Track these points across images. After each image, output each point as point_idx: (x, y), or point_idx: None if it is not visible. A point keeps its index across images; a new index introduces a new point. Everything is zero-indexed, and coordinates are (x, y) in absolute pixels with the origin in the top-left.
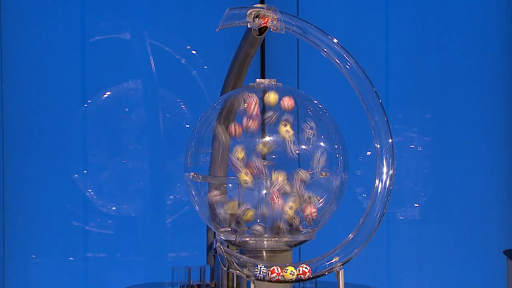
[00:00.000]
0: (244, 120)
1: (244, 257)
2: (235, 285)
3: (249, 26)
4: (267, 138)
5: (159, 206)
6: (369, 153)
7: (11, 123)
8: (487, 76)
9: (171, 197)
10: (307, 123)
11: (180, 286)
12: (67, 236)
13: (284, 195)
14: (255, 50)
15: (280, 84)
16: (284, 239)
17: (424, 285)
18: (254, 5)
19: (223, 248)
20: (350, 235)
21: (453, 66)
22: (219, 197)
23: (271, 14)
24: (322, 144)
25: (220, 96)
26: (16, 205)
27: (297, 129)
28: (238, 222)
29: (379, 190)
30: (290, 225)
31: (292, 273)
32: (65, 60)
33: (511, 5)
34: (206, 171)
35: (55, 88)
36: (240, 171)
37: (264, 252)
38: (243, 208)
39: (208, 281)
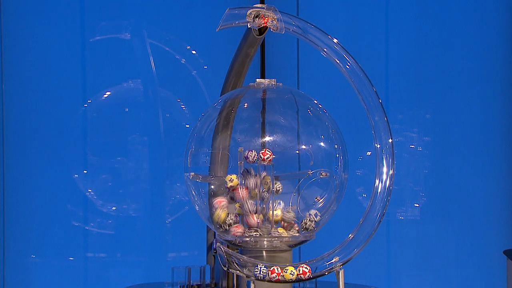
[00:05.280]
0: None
1: (244, 257)
2: (235, 285)
3: (249, 26)
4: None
5: (159, 206)
6: (369, 153)
7: (11, 123)
8: (487, 76)
9: (172, 197)
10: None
11: (180, 286)
12: (67, 236)
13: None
14: (255, 50)
15: (280, 84)
16: (284, 239)
17: (424, 285)
18: (254, 5)
19: (223, 248)
20: (350, 235)
21: (453, 66)
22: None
23: (271, 14)
24: (322, 144)
25: (220, 96)
26: (16, 205)
27: (298, 132)
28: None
29: (379, 190)
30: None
31: (292, 273)
32: (65, 60)
33: (511, 5)
34: (206, 171)
35: (55, 88)
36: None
37: (264, 252)
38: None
39: (208, 281)
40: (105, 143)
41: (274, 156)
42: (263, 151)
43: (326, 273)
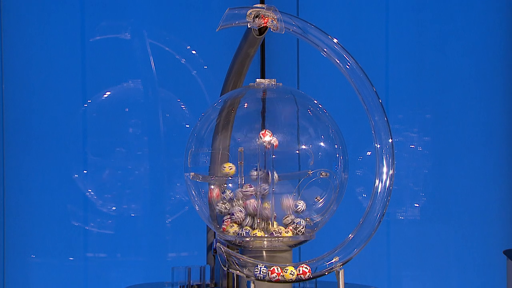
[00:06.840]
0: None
1: (244, 257)
2: (235, 285)
3: (249, 26)
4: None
5: (159, 206)
6: (369, 153)
7: (11, 123)
8: (487, 76)
9: (172, 197)
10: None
11: (180, 286)
12: (67, 236)
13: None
14: (255, 50)
15: (280, 84)
16: (284, 239)
17: (424, 285)
18: (254, 5)
19: (223, 248)
20: (350, 235)
21: (453, 66)
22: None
23: (271, 14)
24: (322, 144)
25: (220, 96)
26: (16, 205)
27: (298, 132)
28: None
29: (379, 190)
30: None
31: (292, 273)
32: (65, 60)
33: (511, 5)
34: (206, 171)
35: (55, 88)
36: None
37: (264, 252)
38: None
39: (208, 281)
40: (105, 143)
41: (276, 140)
42: (263, 132)
43: (326, 273)
